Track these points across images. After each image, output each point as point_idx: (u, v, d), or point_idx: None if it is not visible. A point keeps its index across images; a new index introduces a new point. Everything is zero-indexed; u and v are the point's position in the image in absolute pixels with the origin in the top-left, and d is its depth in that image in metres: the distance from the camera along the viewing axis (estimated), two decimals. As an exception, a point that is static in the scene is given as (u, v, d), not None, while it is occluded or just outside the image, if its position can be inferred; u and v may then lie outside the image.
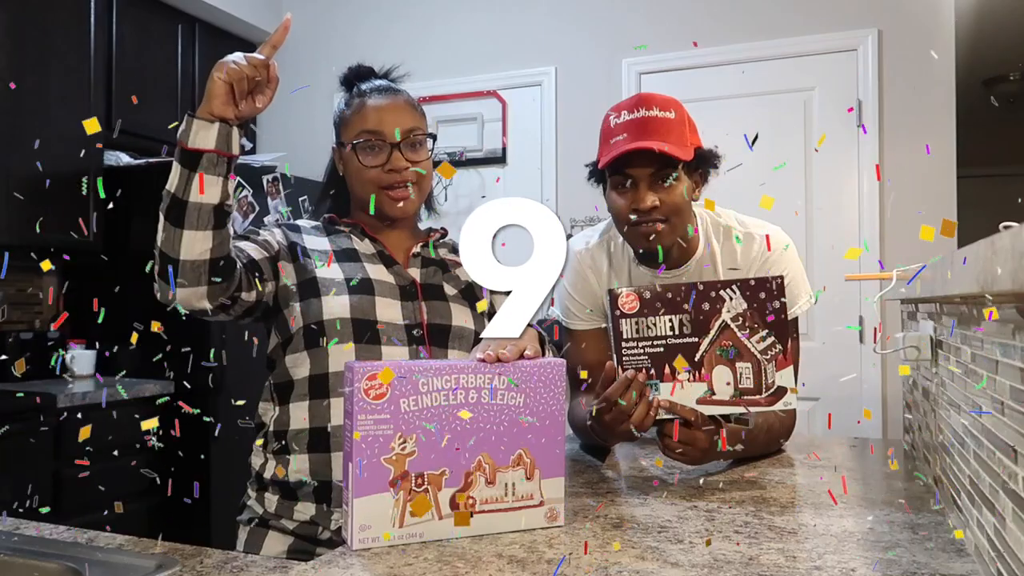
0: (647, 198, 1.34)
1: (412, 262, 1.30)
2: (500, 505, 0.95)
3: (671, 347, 1.17)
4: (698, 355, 1.17)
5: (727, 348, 1.17)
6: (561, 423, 0.98)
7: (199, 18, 3.55)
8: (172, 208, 1.03)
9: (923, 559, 0.86)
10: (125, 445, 2.75)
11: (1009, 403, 0.71)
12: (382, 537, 0.89)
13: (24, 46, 2.76)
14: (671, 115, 1.35)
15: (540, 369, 0.97)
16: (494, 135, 3.58)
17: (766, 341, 1.17)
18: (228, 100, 1.01)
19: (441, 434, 0.91)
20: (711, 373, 1.17)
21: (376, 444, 0.88)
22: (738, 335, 1.17)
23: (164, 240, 1.03)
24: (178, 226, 1.02)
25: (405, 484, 0.90)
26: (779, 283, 1.18)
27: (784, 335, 1.18)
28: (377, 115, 1.26)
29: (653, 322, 1.17)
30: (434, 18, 3.71)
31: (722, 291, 1.17)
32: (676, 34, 3.28)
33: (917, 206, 2.91)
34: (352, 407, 0.88)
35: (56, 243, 2.90)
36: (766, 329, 1.17)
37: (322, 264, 1.23)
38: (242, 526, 1.24)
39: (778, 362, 1.18)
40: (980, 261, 0.65)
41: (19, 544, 0.93)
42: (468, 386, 0.93)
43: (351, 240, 1.29)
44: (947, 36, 2.90)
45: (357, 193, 1.29)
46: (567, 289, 1.54)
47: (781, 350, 1.18)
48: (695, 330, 1.17)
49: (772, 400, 1.18)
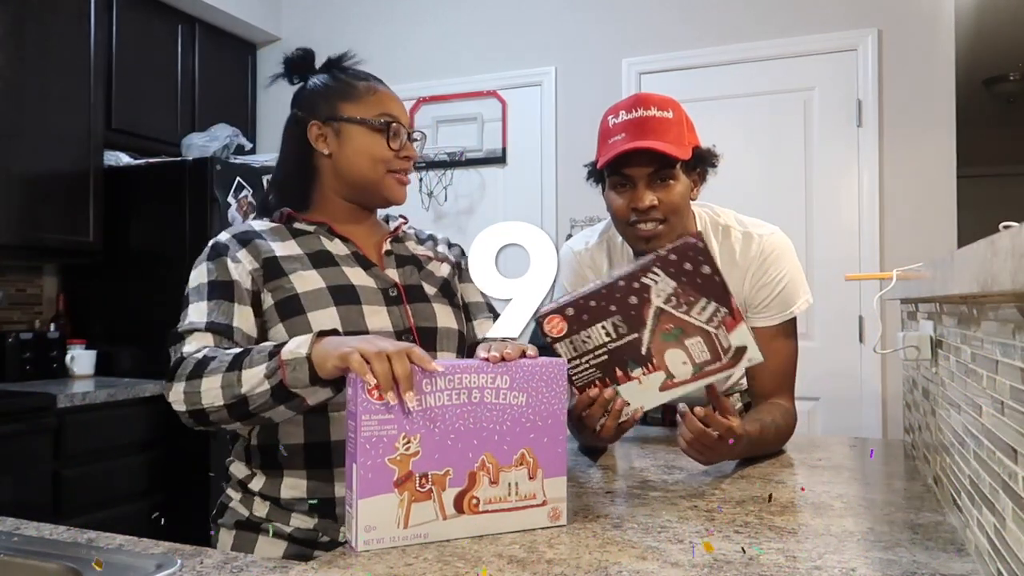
0: (645, 197, 1.34)
1: (387, 262, 1.24)
2: (503, 505, 0.95)
3: (614, 351, 1.12)
4: (644, 348, 1.11)
5: (670, 331, 1.11)
6: (562, 422, 0.98)
7: (199, 18, 3.55)
8: (238, 405, 0.99)
9: (923, 559, 0.86)
10: (125, 445, 2.75)
11: (1009, 403, 0.71)
12: (387, 538, 0.89)
13: (24, 46, 2.76)
14: (669, 115, 1.35)
15: (542, 369, 0.97)
16: (494, 135, 3.57)
17: (708, 310, 1.11)
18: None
19: (445, 434, 0.91)
20: (663, 359, 1.12)
21: (380, 444, 0.88)
22: (676, 315, 1.11)
23: (213, 408, 1.00)
24: (233, 417, 1.00)
25: (409, 484, 0.89)
26: (700, 246, 1.10)
27: (724, 295, 1.11)
28: (394, 103, 1.23)
29: (587, 336, 1.11)
30: (434, 18, 3.71)
31: (643, 278, 1.10)
32: (676, 34, 3.28)
33: (917, 206, 2.92)
34: (356, 408, 0.87)
35: (56, 243, 2.90)
36: (704, 298, 1.10)
37: (298, 272, 1.15)
38: (225, 529, 1.16)
39: (727, 325, 1.11)
40: (980, 261, 0.65)
41: (19, 544, 0.93)
42: (471, 386, 0.93)
43: (320, 241, 1.20)
44: (947, 36, 2.90)
45: (357, 175, 1.20)
46: (567, 289, 1.55)
47: (727, 312, 1.11)
48: (631, 327, 1.11)
49: (733, 362, 1.12)
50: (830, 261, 2.99)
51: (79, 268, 3.23)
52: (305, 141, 1.21)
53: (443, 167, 3.62)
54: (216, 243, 1.18)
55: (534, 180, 3.50)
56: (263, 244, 1.17)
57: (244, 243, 1.17)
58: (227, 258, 1.15)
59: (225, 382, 0.98)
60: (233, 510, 1.16)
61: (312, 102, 1.23)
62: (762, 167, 3.11)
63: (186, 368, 1.03)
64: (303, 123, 1.22)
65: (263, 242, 1.18)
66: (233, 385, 0.98)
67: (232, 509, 1.17)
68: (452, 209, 3.64)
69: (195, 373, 1.01)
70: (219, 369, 0.99)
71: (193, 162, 3.11)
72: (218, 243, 1.18)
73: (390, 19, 3.78)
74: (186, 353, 1.06)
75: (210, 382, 1.00)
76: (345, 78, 1.24)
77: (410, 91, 3.69)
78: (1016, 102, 5.11)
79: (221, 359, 1.01)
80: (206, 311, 1.11)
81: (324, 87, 1.23)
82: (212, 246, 1.18)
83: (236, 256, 1.15)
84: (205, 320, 1.10)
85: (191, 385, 1.01)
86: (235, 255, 1.15)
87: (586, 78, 3.42)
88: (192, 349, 1.06)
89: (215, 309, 1.11)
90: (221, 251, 1.16)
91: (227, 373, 0.99)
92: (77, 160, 2.95)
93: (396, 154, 1.21)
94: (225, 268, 1.14)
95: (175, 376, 1.03)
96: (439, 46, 3.69)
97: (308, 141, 1.21)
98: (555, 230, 3.43)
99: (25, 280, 3.18)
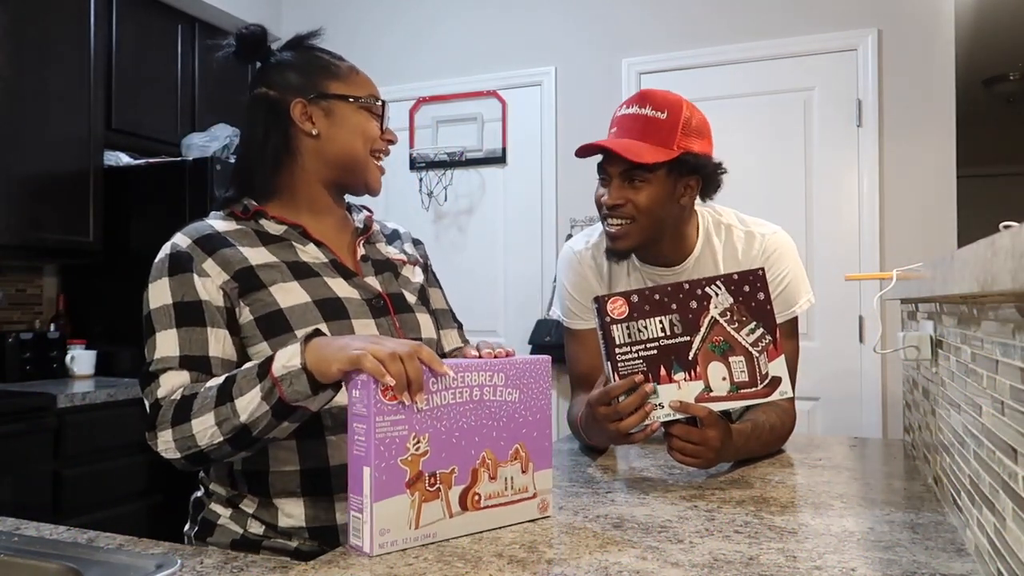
0: (613, 195, 1.37)
1: (365, 268, 1.17)
2: (501, 499, 0.97)
3: (664, 348, 1.16)
4: (691, 354, 1.16)
5: (719, 344, 1.17)
6: (549, 417, 1.03)
7: (199, 18, 3.54)
8: (240, 436, 0.94)
9: (923, 559, 0.86)
10: (125, 445, 2.75)
11: (1009, 403, 0.71)
12: (400, 540, 0.88)
13: (24, 46, 2.76)
14: (662, 115, 1.35)
15: (531, 366, 1.01)
16: (494, 135, 3.58)
17: (755, 333, 1.17)
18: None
19: (450, 432, 0.92)
20: (706, 370, 1.17)
21: (393, 446, 0.87)
22: (728, 330, 1.17)
23: (212, 446, 0.96)
24: (236, 449, 0.97)
25: (420, 485, 0.90)
26: (760, 275, 1.18)
27: (771, 325, 1.18)
28: (374, 86, 1.19)
29: (644, 325, 1.15)
30: (434, 17, 3.71)
31: (707, 288, 1.17)
32: (676, 34, 3.28)
33: (917, 206, 2.92)
34: (369, 410, 0.86)
35: (56, 243, 2.90)
36: (754, 321, 1.17)
37: (279, 284, 1.07)
38: (217, 550, 1.02)
39: (769, 353, 1.18)
40: (980, 261, 0.65)
41: (19, 544, 0.93)
42: (472, 384, 0.95)
43: (294, 249, 1.12)
44: (947, 36, 2.90)
45: (347, 155, 1.14)
46: (567, 289, 1.54)
47: (771, 341, 1.18)
48: (685, 329, 1.16)
49: (768, 391, 1.18)
50: (830, 261, 2.99)
51: (79, 268, 3.23)
52: (283, 121, 1.13)
53: (443, 167, 3.62)
54: (176, 253, 1.06)
55: (534, 180, 3.50)
56: (232, 253, 1.07)
57: (209, 251, 1.06)
58: (192, 273, 1.04)
59: (219, 417, 0.94)
60: (224, 528, 1.09)
61: (288, 80, 1.14)
62: (762, 167, 3.11)
63: (166, 414, 0.97)
64: (281, 102, 1.13)
65: (231, 250, 1.07)
66: (230, 418, 0.93)
67: (223, 527, 1.09)
68: (452, 209, 3.64)
69: (179, 417, 0.96)
70: (207, 407, 0.94)
71: (193, 162, 3.11)
72: (178, 253, 1.06)
73: (390, 19, 3.79)
74: (161, 397, 0.99)
75: (201, 422, 0.94)
76: (323, 56, 1.17)
77: (410, 91, 3.70)
78: (1016, 102, 5.11)
79: (204, 396, 0.96)
80: (176, 343, 1.02)
81: (301, 64, 1.15)
82: (171, 257, 1.06)
83: (202, 269, 1.05)
84: (178, 354, 1.01)
85: (180, 431, 0.96)
86: (201, 268, 1.05)
87: (586, 78, 3.42)
88: (167, 391, 0.99)
89: (186, 339, 1.02)
90: (184, 264, 1.05)
91: (218, 408, 0.94)
92: (77, 160, 2.95)
93: (382, 135, 1.18)
94: (191, 286, 1.04)
95: (157, 424, 0.98)
96: (439, 46, 3.69)
97: (288, 121, 1.13)
98: (555, 230, 3.43)
99: (25, 280, 3.18)
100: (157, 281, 1.06)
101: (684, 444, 1.17)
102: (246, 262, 1.07)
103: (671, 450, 1.19)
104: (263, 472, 1.07)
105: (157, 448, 0.98)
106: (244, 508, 1.08)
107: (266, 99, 1.14)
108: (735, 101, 3.17)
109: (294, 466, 1.06)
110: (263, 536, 1.07)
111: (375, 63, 3.51)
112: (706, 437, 1.17)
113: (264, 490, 1.07)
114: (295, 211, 1.15)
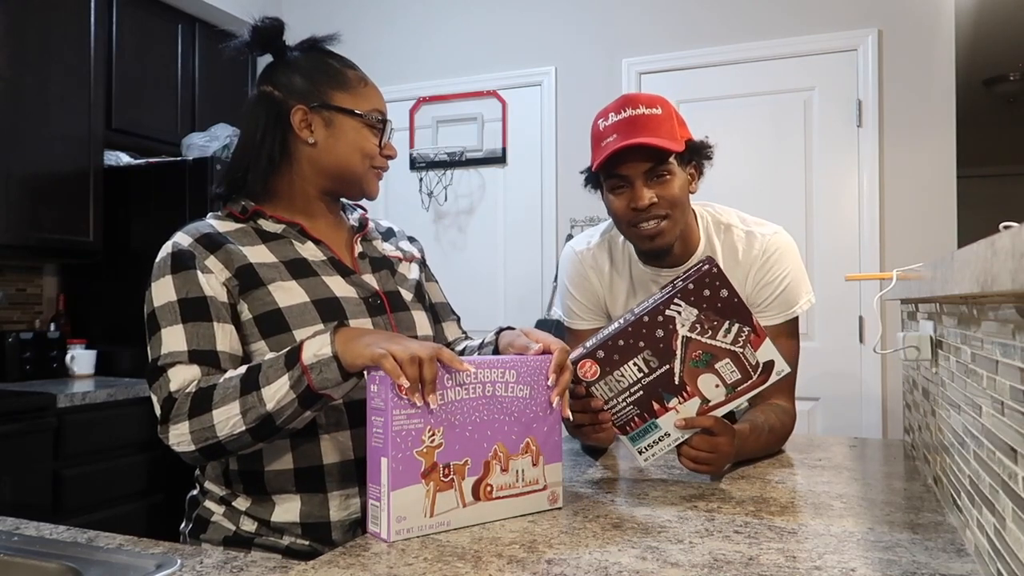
0: (644, 195, 1.34)
1: (362, 266, 1.18)
2: (512, 491, 1.02)
3: (648, 385, 1.15)
4: (676, 379, 1.15)
5: (699, 358, 1.14)
6: (558, 412, 1.06)
7: (199, 18, 3.54)
8: (263, 425, 0.97)
9: (923, 559, 0.86)
10: (125, 445, 2.75)
11: (1009, 403, 0.71)
12: (415, 527, 0.93)
13: (24, 46, 2.76)
14: (658, 111, 1.35)
15: (542, 363, 1.04)
16: (494, 135, 3.58)
17: (732, 331, 1.14)
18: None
19: (464, 426, 0.97)
20: (697, 386, 1.15)
21: (409, 438, 0.92)
22: (703, 341, 1.14)
23: (232, 436, 0.97)
24: (255, 439, 0.98)
25: (435, 475, 0.94)
26: (715, 271, 1.13)
27: (745, 315, 1.14)
28: (381, 98, 1.18)
29: (620, 375, 1.15)
30: (434, 17, 3.71)
31: (667, 310, 1.13)
32: (676, 34, 3.28)
33: (917, 206, 2.92)
34: (386, 404, 0.91)
35: (56, 243, 2.90)
36: (727, 321, 1.14)
37: (277, 282, 1.08)
38: (210, 546, 1.08)
39: (752, 343, 1.15)
40: (980, 261, 0.65)
41: (19, 544, 0.93)
42: (485, 380, 0.99)
43: (293, 247, 1.12)
44: (947, 36, 2.90)
45: (343, 168, 1.14)
46: (569, 289, 1.54)
47: (751, 331, 1.14)
48: (662, 360, 1.14)
49: (765, 377, 1.16)
50: (830, 261, 2.99)
51: (79, 268, 3.23)
52: (282, 124, 1.12)
53: (443, 167, 3.62)
54: (178, 251, 1.06)
55: (534, 180, 3.50)
56: (233, 249, 1.08)
57: (211, 249, 1.07)
58: (196, 270, 1.05)
59: (244, 406, 0.95)
60: (218, 524, 1.10)
61: (293, 83, 1.13)
62: (762, 167, 3.11)
63: (183, 406, 0.98)
64: (283, 105, 1.12)
65: (232, 247, 1.08)
66: (256, 407, 0.95)
67: (216, 524, 1.10)
68: (452, 209, 3.64)
69: (198, 409, 0.97)
70: (230, 396, 0.96)
71: (193, 162, 3.11)
72: (180, 251, 1.06)
73: (390, 19, 3.79)
74: (174, 390, 0.99)
75: (223, 412, 0.96)
76: (333, 63, 1.16)
77: (410, 91, 3.70)
78: (1016, 102, 5.11)
79: (225, 386, 0.97)
80: (184, 337, 1.02)
81: (310, 69, 1.14)
82: (174, 256, 1.06)
83: (205, 265, 1.05)
84: (186, 348, 1.01)
85: (199, 422, 0.97)
86: (204, 264, 1.05)
87: (586, 78, 3.42)
88: (179, 385, 1.00)
89: (194, 334, 1.02)
90: (187, 261, 1.05)
91: (244, 397, 0.96)
92: (77, 160, 2.95)
93: (381, 151, 1.17)
94: (196, 282, 1.04)
95: (171, 417, 0.98)
96: (439, 46, 3.69)
97: (287, 125, 1.12)
98: (555, 230, 3.43)
99: (25, 280, 3.18)
100: (160, 279, 1.06)
101: (697, 453, 1.17)
102: (246, 260, 1.08)
103: (681, 457, 1.19)
104: (258, 472, 1.08)
105: (169, 441, 0.99)
106: (237, 506, 1.10)
107: (268, 99, 1.14)
108: (735, 101, 3.17)
109: (288, 465, 1.07)
110: (255, 533, 1.08)
111: (375, 63, 3.51)
112: (717, 444, 1.17)
113: (259, 488, 1.08)
114: (291, 211, 1.16)
